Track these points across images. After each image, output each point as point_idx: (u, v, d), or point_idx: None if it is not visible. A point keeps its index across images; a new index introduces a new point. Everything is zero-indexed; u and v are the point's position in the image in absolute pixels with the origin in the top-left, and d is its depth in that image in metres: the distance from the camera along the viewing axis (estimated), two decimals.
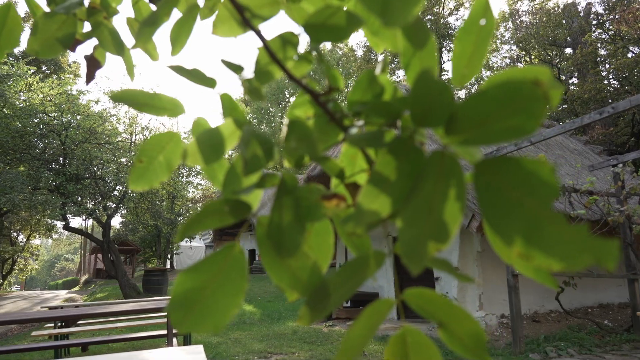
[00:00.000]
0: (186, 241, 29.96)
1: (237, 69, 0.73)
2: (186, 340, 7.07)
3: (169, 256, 31.26)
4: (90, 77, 1.21)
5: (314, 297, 0.67)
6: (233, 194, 0.68)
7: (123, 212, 20.67)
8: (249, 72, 0.71)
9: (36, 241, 43.14)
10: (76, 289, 33.10)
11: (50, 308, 6.76)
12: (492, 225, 0.50)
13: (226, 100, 0.78)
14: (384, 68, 0.75)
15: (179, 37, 0.74)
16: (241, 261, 0.62)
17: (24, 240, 35.56)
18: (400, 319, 7.76)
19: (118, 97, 0.73)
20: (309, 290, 0.68)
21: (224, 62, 0.72)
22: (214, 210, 0.64)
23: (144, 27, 0.77)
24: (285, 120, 0.66)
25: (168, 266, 31.25)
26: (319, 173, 9.76)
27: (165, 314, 5.78)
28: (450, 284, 7.86)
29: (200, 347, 2.76)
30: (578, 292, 8.13)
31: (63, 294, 27.60)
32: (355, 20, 0.63)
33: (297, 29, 0.67)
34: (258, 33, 0.61)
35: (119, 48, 1.07)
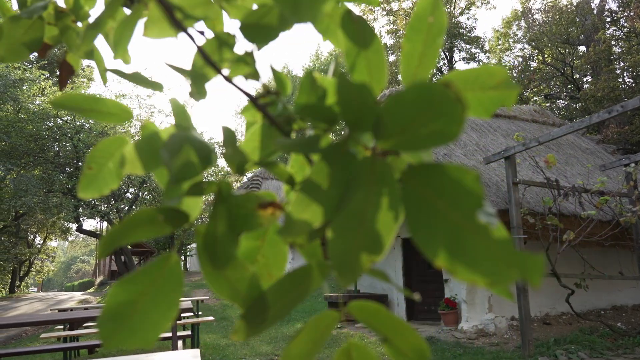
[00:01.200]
0: None
1: (183, 72, 0.70)
2: (193, 343, 7.09)
3: (182, 258, 31.49)
4: (62, 82, 1.19)
5: (251, 310, 0.64)
6: (168, 203, 0.66)
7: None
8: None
9: (53, 243, 43.71)
10: (91, 290, 33.50)
11: (59, 310, 6.83)
12: (416, 238, 0.47)
13: (174, 104, 0.76)
14: (336, 69, 0.72)
15: (122, 39, 0.72)
16: (177, 273, 0.59)
17: (41, 242, 36.04)
18: (409, 321, 7.65)
19: (59, 104, 0.71)
20: (247, 303, 0.65)
21: (168, 64, 0.70)
22: (147, 220, 0.61)
23: (88, 30, 0.75)
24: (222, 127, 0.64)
25: (182, 268, 31.46)
26: None
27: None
28: (459, 286, 7.78)
29: (197, 352, 2.75)
30: (590, 294, 7.98)
31: (78, 295, 27.94)
32: (285, 20, 0.61)
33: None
34: (189, 35, 0.59)
35: (89, 52, 1.05)
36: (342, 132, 0.65)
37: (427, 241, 0.46)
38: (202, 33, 0.66)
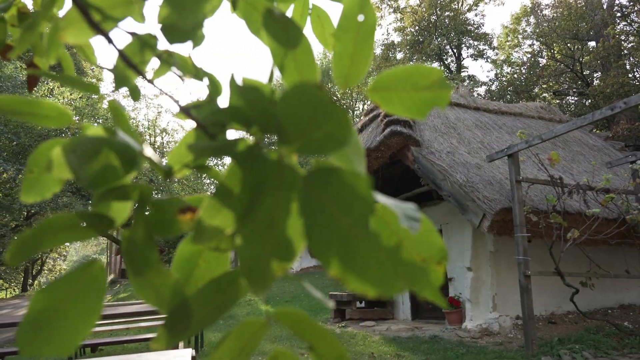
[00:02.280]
0: None
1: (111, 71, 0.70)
2: (197, 342, 7.13)
3: None
4: (31, 84, 1.19)
5: (173, 317, 0.63)
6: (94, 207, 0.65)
7: None
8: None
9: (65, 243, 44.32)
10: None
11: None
12: (310, 245, 0.46)
13: (112, 106, 0.75)
14: (270, 76, 0.71)
15: (54, 40, 0.72)
16: (100, 279, 0.59)
17: None
18: (414, 320, 7.64)
19: None
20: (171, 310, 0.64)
21: (98, 65, 0.69)
22: (66, 225, 0.61)
23: (24, 33, 0.75)
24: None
25: None
26: None
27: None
28: (463, 284, 7.73)
29: (189, 351, 2.76)
30: (598, 293, 7.89)
31: None
32: (198, 22, 0.60)
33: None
34: (107, 37, 0.58)
35: (55, 55, 1.05)
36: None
37: (320, 249, 0.45)
38: (133, 34, 0.65)
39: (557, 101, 22.60)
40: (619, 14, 18.93)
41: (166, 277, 0.65)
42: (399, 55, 30.17)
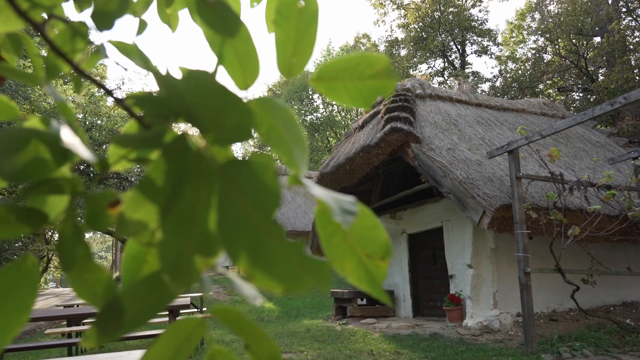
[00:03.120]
0: None
1: None
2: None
3: None
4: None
5: (104, 315, 0.61)
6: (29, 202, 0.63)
7: None
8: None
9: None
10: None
11: (65, 307, 6.91)
12: (221, 238, 0.44)
13: (56, 99, 0.73)
14: (217, 67, 0.69)
15: None
16: (32, 275, 0.57)
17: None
18: (415, 317, 7.61)
19: None
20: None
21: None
22: None
23: None
24: None
25: None
26: (332, 170, 9.69)
27: (167, 312, 5.82)
28: (464, 282, 7.70)
29: None
30: (600, 290, 7.84)
31: None
32: (124, 5, 0.57)
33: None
34: (35, 26, 0.56)
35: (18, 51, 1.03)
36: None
37: (230, 242, 0.43)
38: (66, 21, 0.63)
39: (562, 97, 22.45)
40: (624, 9, 18.75)
41: (99, 273, 0.63)
42: (403, 52, 30.06)
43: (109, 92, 0.61)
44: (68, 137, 0.58)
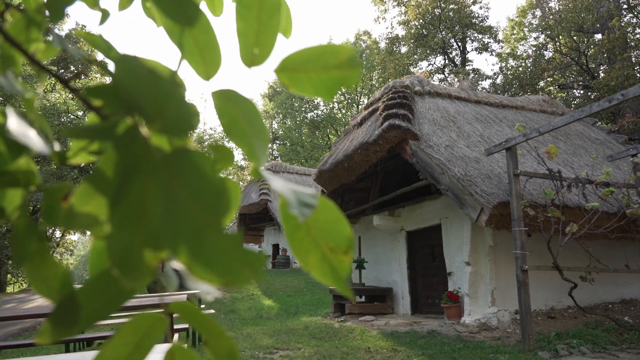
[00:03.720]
0: None
1: None
2: (195, 336, 7.14)
3: None
4: None
5: (60, 310, 0.60)
6: None
7: None
8: None
9: (73, 237, 44.49)
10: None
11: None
12: (161, 232, 0.43)
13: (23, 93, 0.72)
14: (180, 62, 0.67)
15: None
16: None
17: (59, 236, 36.67)
18: (414, 314, 7.60)
19: None
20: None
21: None
22: None
23: None
24: None
25: None
26: (330, 167, 9.67)
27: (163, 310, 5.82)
28: (462, 279, 7.69)
29: (165, 347, 2.73)
30: (599, 288, 7.82)
31: None
32: None
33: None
34: None
35: None
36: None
37: (170, 235, 0.41)
38: (7, 6, 0.62)
39: (563, 95, 22.39)
40: (625, 6, 18.68)
41: (55, 268, 0.62)
42: (404, 49, 29.99)
43: (65, 82, 0.59)
44: (19, 128, 0.57)
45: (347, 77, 0.63)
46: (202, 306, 8.00)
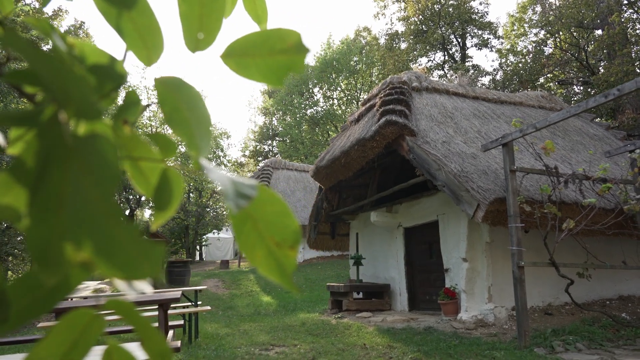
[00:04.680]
0: (214, 232, 30.38)
1: None
2: (190, 333, 7.13)
3: (197, 248, 31.74)
4: None
5: None
6: None
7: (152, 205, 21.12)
8: None
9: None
10: (107, 279, 34.09)
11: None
12: (66, 221, 0.40)
13: None
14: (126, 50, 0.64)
15: None
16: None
17: None
18: (411, 311, 7.58)
19: None
20: None
21: None
22: None
23: None
24: None
25: (197, 258, 31.79)
26: (328, 163, 9.64)
27: (157, 306, 5.80)
28: (458, 275, 7.66)
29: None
30: (596, 284, 7.80)
31: (94, 284, 28.40)
32: None
33: None
34: None
35: None
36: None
37: (71, 227, 0.38)
38: None
39: (563, 91, 22.32)
40: (625, 2, 18.59)
41: None
42: (403, 45, 29.90)
43: None
44: None
45: (295, 62, 0.60)
46: (199, 302, 7.98)
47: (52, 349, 0.54)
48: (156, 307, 6.47)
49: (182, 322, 6.69)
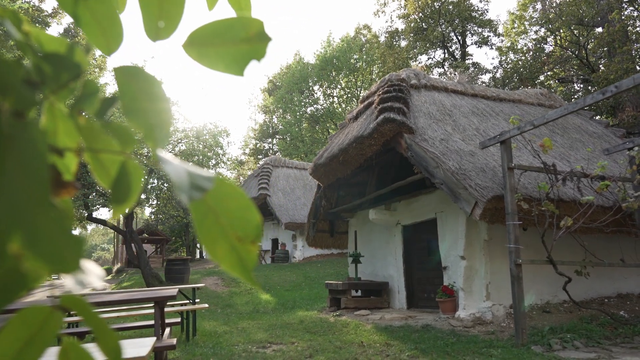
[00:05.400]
0: None
1: None
2: (188, 330, 7.12)
3: (197, 246, 31.74)
4: None
5: None
6: None
7: (153, 202, 21.08)
8: None
9: (74, 232, 44.62)
10: (109, 277, 34.14)
11: (54, 297, 6.89)
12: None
13: None
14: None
15: None
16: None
17: None
18: (410, 309, 7.56)
19: None
20: None
21: None
22: None
23: None
24: None
25: (197, 256, 31.79)
26: (326, 161, 9.62)
27: (153, 304, 5.79)
28: (457, 273, 7.65)
29: (148, 341, 2.71)
30: (595, 282, 7.78)
31: None
32: None
33: None
34: None
35: None
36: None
37: (3, 218, 0.37)
38: None
39: (563, 88, 22.28)
40: None
41: None
42: (403, 43, 29.84)
43: None
44: None
45: (257, 51, 0.58)
46: (197, 300, 7.97)
47: (6, 346, 0.53)
48: (151, 305, 6.46)
49: (179, 319, 6.67)
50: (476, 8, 27.92)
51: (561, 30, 21.26)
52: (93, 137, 0.60)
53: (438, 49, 29.46)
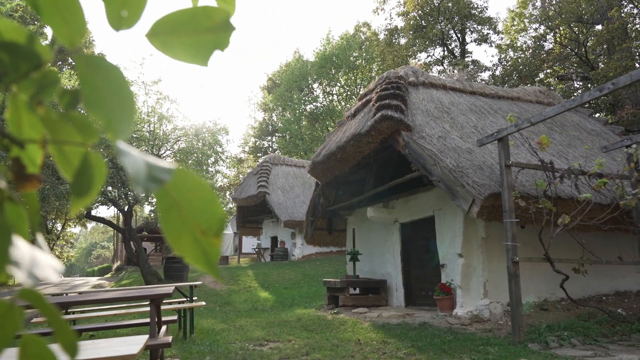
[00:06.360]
0: None
1: None
2: (185, 328, 7.12)
3: None
4: None
5: None
6: None
7: (152, 200, 21.02)
8: None
9: (74, 230, 44.49)
10: (108, 275, 34.15)
11: (52, 295, 6.90)
12: None
13: None
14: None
15: None
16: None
17: (60, 228, 36.62)
18: (408, 306, 7.55)
19: None
20: None
21: None
22: None
23: None
24: None
25: None
26: (324, 159, 9.61)
27: (148, 301, 5.78)
28: (454, 271, 7.64)
29: (140, 339, 2.70)
30: (592, 280, 7.77)
31: (93, 280, 28.50)
32: None
33: None
34: None
35: None
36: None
37: None
38: None
39: (562, 86, 22.24)
40: None
41: None
42: (402, 41, 29.79)
43: None
44: None
45: (220, 41, 0.57)
46: (195, 298, 7.96)
47: None
48: (147, 302, 6.45)
49: (175, 317, 6.67)
50: (476, 5, 27.86)
51: (561, 28, 21.21)
52: (56, 128, 0.59)
53: (437, 46, 29.42)
